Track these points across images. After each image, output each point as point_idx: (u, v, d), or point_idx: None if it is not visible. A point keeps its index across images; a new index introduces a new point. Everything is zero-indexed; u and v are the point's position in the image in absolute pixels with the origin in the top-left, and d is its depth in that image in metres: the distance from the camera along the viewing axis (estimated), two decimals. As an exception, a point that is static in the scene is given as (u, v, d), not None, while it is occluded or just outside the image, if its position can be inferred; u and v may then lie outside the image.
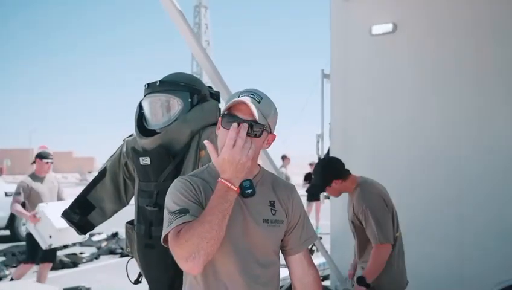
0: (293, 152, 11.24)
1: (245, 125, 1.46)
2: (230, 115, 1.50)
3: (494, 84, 3.30)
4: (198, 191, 1.55)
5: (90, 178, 5.45)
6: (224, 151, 1.44)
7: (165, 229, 1.49)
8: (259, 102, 1.53)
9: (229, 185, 1.44)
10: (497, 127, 3.27)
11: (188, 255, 1.39)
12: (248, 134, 1.46)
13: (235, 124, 1.45)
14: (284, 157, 11.21)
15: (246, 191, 1.56)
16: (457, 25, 3.46)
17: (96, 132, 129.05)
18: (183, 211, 1.47)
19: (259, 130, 1.51)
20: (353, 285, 2.82)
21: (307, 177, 11.01)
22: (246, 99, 1.50)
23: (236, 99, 1.50)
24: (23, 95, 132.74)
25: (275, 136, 1.61)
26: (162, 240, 1.52)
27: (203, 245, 1.38)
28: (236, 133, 1.44)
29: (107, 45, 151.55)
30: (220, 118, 1.55)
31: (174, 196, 1.53)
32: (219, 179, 1.46)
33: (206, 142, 1.54)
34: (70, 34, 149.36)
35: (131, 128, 2.68)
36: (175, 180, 1.61)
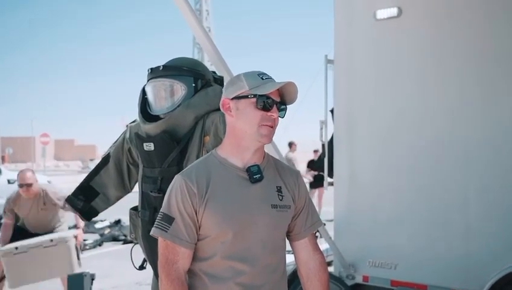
0: (295, 139, 11.31)
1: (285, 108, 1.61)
2: (268, 97, 1.54)
3: (501, 69, 3.26)
4: (196, 191, 1.52)
5: (92, 166, 5.41)
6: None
7: (153, 229, 1.55)
8: None
9: None
10: (504, 114, 3.23)
11: None
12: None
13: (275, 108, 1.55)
14: (291, 144, 11.31)
15: (254, 176, 1.55)
16: (464, 9, 3.41)
17: (98, 120, 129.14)
18: (166, 219, 1.53)
19: (285, 111, 1.63)
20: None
21: (310, 164, 11.05)
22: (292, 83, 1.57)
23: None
24: (25, 84, 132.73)
25: None
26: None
27: None
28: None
29: (108, 35, 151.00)
30: (253, 99, 1.53)
31: (168, 197, 1.56)
32: None
33: None
34: (72, 24, 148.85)
35: (133, 117, 2.67)
36: (175, 177, 1.59)
